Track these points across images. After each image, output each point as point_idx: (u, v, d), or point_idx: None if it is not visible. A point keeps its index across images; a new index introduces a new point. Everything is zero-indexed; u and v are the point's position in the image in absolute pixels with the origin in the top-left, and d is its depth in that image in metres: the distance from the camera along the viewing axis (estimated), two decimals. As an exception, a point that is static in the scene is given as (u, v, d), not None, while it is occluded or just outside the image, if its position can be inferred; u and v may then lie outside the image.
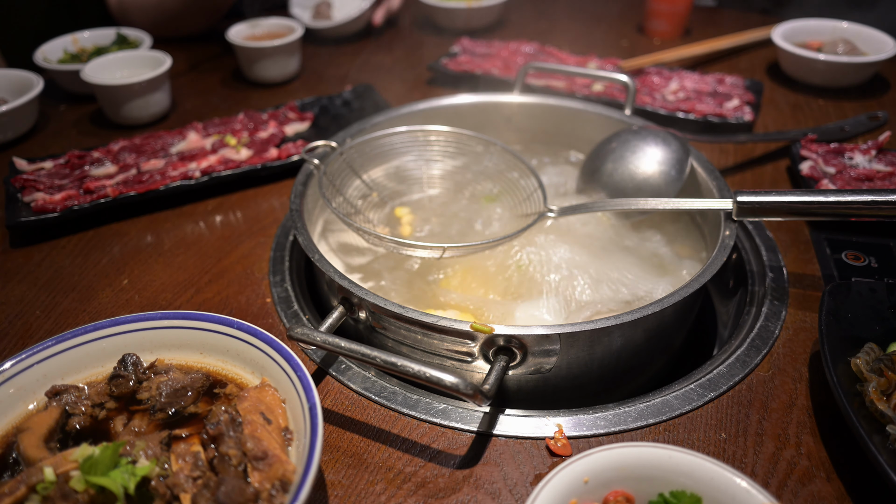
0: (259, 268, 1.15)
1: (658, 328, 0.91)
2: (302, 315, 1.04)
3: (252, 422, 0.73)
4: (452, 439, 0.83)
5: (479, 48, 1.90)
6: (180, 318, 0.84)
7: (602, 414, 0.85)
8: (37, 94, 1.55)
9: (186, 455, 0.71)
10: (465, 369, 0.90)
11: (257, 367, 0.81)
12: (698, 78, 1.69)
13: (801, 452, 0.80)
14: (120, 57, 1.68)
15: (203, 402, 0.80)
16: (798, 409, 0.86)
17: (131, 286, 1.13)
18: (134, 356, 0.82)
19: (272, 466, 0.69)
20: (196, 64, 1.97)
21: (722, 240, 0.96)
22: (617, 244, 1.14)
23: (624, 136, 1.21)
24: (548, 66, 1.38)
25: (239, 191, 1.36)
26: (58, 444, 0.74)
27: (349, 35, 2.11)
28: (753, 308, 1.03)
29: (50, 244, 1.23)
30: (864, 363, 0.82)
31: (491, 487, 0.77)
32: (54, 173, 1.33)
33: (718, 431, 0.83)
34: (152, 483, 0.68)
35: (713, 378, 0.90)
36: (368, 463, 0.81)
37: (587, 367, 0.89)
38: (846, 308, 0.90)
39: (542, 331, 0.82)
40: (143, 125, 1.61)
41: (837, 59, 1.67)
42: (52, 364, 0.80)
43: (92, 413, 0.78)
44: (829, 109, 1.65)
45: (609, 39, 2.07)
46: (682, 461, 0.67)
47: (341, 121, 1.56)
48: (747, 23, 2.07)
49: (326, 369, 0.94)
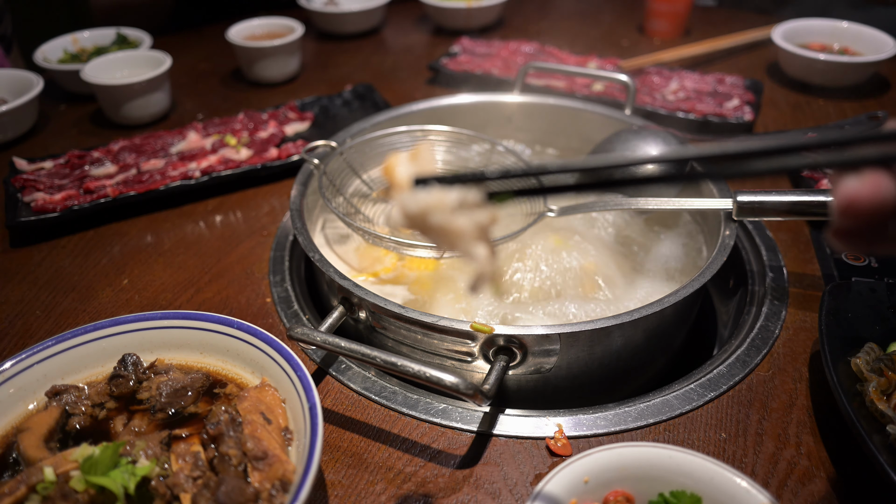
0: (259, 267, 1.14)
1: (658, 328, 0.91)
2: (302, 315, 1.04)
3: (252, 422, 0.73)
4: (452, 439, 0.83)
5: (479, 48, 1.90)
6: (180, 318, 0.84)
7: (602, 414, 0.85)
8: (37, 94, 1.54)
9: (186, 455, 0.71)
10: (465, 369, 0.90)
11: (257, 367, 0.81)
12: (698, 78, 1.69)
13: (802, 452, 0.80)
14: (120, 57, 1.68)
15: (203, 402, 0.80)
16: (798, 408, 0.86)
17: (131, 286, 1.12)
18: (134, 356, 0.82)
19: (272, 466, 0.69)
20: (196, 63, 1.97)
21: (722, 240, 0.96)
22: (616, 244, 1.14)
23: (624, 136, 1.21)
24: (548, 66, 1.38)
25: (239, 191, 1.36)
26: (58, 444, 0.74)
27: (353, 31, 2.11)
28: (753, 308, 1.03)
29: (50, 244, 1.23)
30: (865, 363, 0.82)
31: (491, 487, 0.77)
32: (54, 173, 1.33)
33: (718, 431, 0.83)
34: (152, 483, 0.68)
35: (713, 378, 0.90)
36: (368, 463, 0.81)
37: (587, 367, 0.89)
38: (846, 308, 0.90)
39: (542, 331, 0.82)
40: (143, 125, 1.61)
41: (837, 58, 1.66)
42: (52, 364, 0.80)
43: (92, 413, 0.78)
44: (828, 109, 1.64)
45: (609, 39, 2.07)
46: (682, 461, 0.67)
47: (341, 120, 1.56)
48: (747, 23, 2.06)
49: (326, 369, 0.93)
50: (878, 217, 0.38)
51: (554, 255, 1.06)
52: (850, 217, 0.39)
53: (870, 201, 0.38)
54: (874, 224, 0.39)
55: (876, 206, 0.38)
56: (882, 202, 0.38)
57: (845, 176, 0.39)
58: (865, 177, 0.38)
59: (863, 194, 0.38)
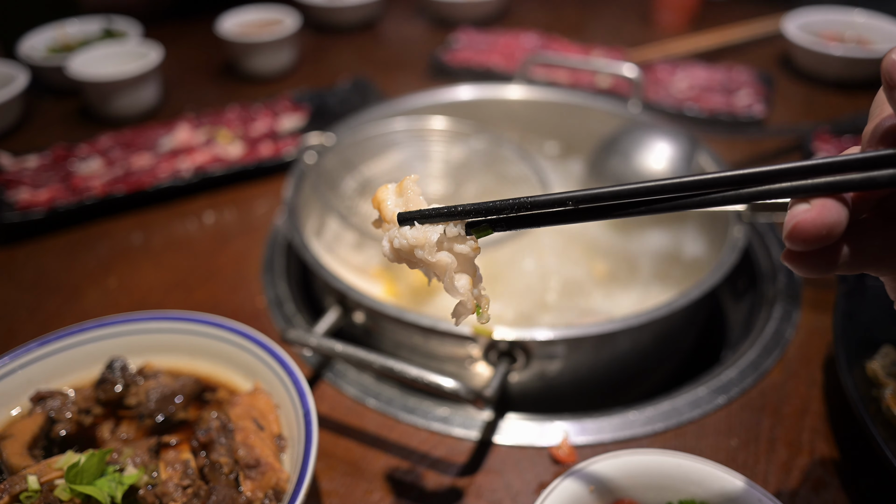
0: (252, 267, 1.12)
1: (666, 332, 0.90)
2: (296, 317, 1.01)
3: (244, 428, 0.71)
4: (453, 446, 0.81)
5: (480, 40, 1.87)
6: (170, 320, 0.83)
7: (608, 419, 0.83)
8: (22, 89, 1.51)
9: (176, 463, 0.70)
10: (465, 374, 0.88)
11: (250, 371, 0.80)
12: (707, 70, 1.66)
13: (815, 460, 0.78)
14: (107, 50, 1.64)
15: (193, 407, 0.79)
16: (812, 414, 0.84)
17: (119, 287, 1.10)
18: (122, 360, 0.80)
19: (265, 475, 0.68)
20: (187, 57, 1.93)
21: (732, 240, 0.94)
22: (618, 244, 1.11)
23: (630, 131, 1.19)
24: (552, 59, 1.35)
25: (231, 187, 1.34)
26: (42, 452, 0.73)
27: (350, 23, 2.08)
28: (765, 310, 1.01)
29: (34, 243, 1.20)
30: (881, 367, 0.80)
31: (493, 497, 0.75)
32: (39, 170, 1.30)
33: (729, 438, 0.81)
34: (140, 492, 0.67)
35: (723, 382, 0.88)
36: (365, 471, 0.79)
37: (593, 371, 0.87)
38: (861, 310, 0.88)
39: (546, 335, 0.80)
40: (131, 120, 1.58)
41: (853, 52, 1.64)
42: (37, 368, 0.79)
43: (78, 419, 0.77)
44: (841, 103, 1.62)
45: (615, 30, 2.05)
46: (691, 469, 0.66)
47: (337, 115, 1.53)
48: (757, 14, 2.03)
49: (322, 373, 0.91)
50: (822, 241, 0.40)
51: (556, 255, 1.04)
52: (795, 241, 0.41)
53: (813, 225, 0.40)
54: (822, 248, 0.41)
55: (820, 231, 0.40)
56: (826, 227, 0.40)
57: (798, 202, 0.41)
58: (813, 202, 0.40)
59: (807, 218, 0.40)
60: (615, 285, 1.02)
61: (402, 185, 0.51)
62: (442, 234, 0.48)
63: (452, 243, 0.48)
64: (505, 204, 0.47)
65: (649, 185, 0.44)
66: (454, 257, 0.48)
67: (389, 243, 0.49)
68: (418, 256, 0.48)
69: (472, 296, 0.49)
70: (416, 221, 0.48)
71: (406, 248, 0.48)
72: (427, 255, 0.47)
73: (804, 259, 0.42)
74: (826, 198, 0.40)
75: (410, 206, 0.50)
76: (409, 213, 0.49)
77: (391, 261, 0.50)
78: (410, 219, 0.49)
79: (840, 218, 0.40)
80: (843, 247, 0.42)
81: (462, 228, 0.48)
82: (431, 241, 0.47)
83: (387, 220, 0.50)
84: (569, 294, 1.01)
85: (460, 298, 0.48)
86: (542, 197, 0.46)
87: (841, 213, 0.40)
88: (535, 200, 0.46)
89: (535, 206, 0.46)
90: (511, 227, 0.49)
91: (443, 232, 0.48)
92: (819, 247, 0.41)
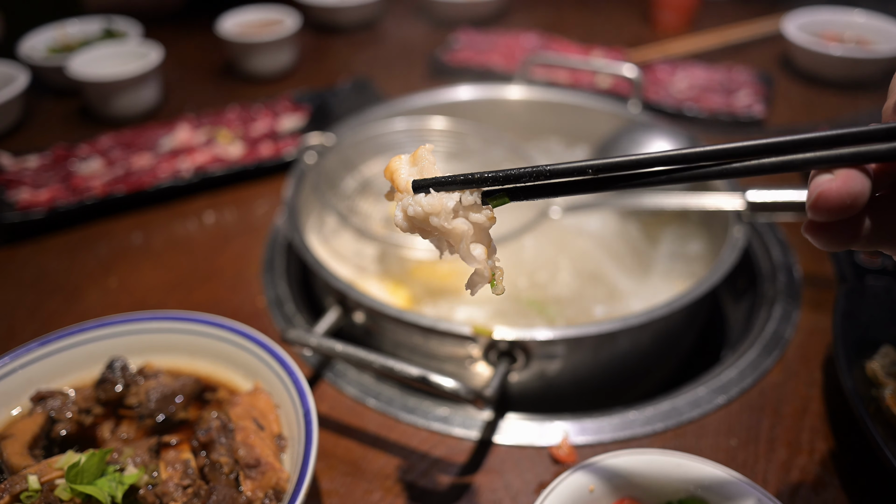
0: (252, 267, 1.12)
1: (666, 331, 0.89)
2: (296, 317, 1.01)
3: (244, 428, 0.71)
4: (452, 446, 0.81)
5: (480, 40, 1.87)
6: (170, 320, 0.83)
7: (608, 419, 0.83)
8: (22, 89, 1.51)
9: (176, 463, 0.70)
10: (465, 373, 0.88)
11: (250, 371, 0.80)
12: (707, 71, 1.66)
13: (815, 459, 0.78)
14: (108, 50, 1.64)
15: (193, 407, 0.79)
16: (811, 414, 0.84)
17: (119, 287, 1.10)
18: (122, 360, 0.80)
19: (265, 474, 0.68)
20: (187, 57, 1.93)
21: (732, 239, 0.94)
22: (623, 244, 1.11)
23: (630, 131, 1.19)
24: (552, 60, 1.35)
25: (231, 187, 1.33)
26: (42, 452, 0.73)
27: (351, 23, 2.08)
28: (764, 309, 1.01)
29: (35, 243, 1.20)
30: (881, 367, 0.80)
31: (493, 496, 0.75)
32: (40, 170, 1.30)
33: (729, 438, 0.81)
34: (140, 492, 0.67)
35: (723, 382, 0.87)
36: (365, 471, 0.79)
37: (593, 370, 0.87)
38: (861, 310, 0.88)
39: (546, 335, 0.80)
40: (132, 120, 1.58)
41: (852, 52, 1.64)
42: (37, 368, 0.79)
43: (78, 419, 0.77)
44: (841, 103, 1.62)
45: (615, 31, 2.04)
46: (690, 469, 0.66)
47: (338, 115, 1.53)
48: (757, 14, 2.03)
49: (322, 373, 0.91)
50: (846, 212, 0.39)
51: (558, 256, 1.04)
52: (819, 211, 0.40)
53: (838, 195, 0.39)
54: (845, 219, 0.40)
55: (844, 200, 0.39)
56: (850, 196, 0.39)
57: (820, 172, 0.40)
58: (837, 172, 0.40)
59: (831, 188, 0.39)
60: (610, 284, 1.02)
61: (417, 154, 0.49)
62: (457, 202, 0.46)
63: (468, 212, 0.46)
64: (523, 172, 0.45)
65: (673, 153, 0.42)
66: (471, 225, 0.46)
67: (403, 212, 0.48)
68: (433, 224, 0.46)
69: (488, 265, 0.47)
70: (431, 189, 0.46)
71: (420, 216, 0.46)
72: (443, 222, 0.45)
73: (827, 230, 0.41)
74: (849, 168, 0.39)
75: (425, 174, 0.48)
76: (424, 181, 0.47)
77: (403, 231, 0.48)
78: (426, 186, 0.47)
79: (864, 188, 0.39)
80: (864, 219, 0.41)
81: (478, 197, 0.47)
82: (448, 207, 0.45)
83: (400, 189, 0.48)
84: (575, 293, 1.01)
85: (476, 266, 0.47)
86: (561, 165, 0.44)
87: (865, 183, 0.39)
88: (554, 169, 0.44)
89: (553, 174, 0.44)
90: (528, 196, 0.47)
91: (458, 200, 0.46)
92: (842, 217, 0.40)
